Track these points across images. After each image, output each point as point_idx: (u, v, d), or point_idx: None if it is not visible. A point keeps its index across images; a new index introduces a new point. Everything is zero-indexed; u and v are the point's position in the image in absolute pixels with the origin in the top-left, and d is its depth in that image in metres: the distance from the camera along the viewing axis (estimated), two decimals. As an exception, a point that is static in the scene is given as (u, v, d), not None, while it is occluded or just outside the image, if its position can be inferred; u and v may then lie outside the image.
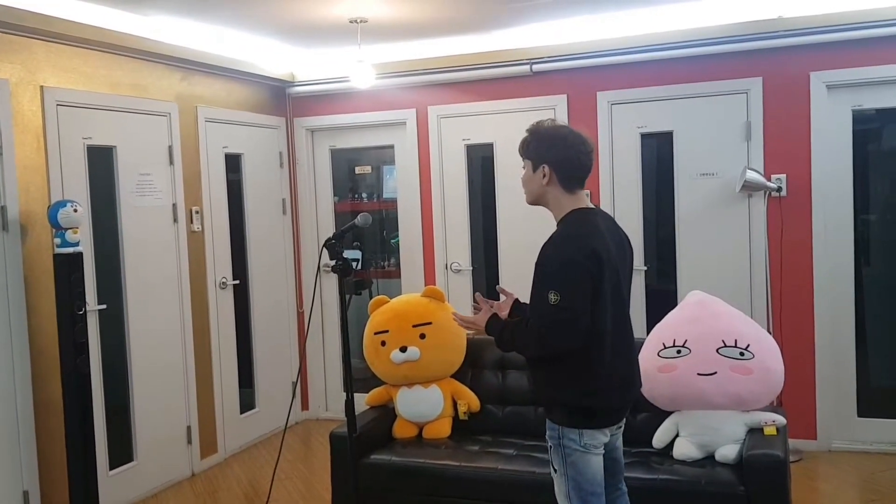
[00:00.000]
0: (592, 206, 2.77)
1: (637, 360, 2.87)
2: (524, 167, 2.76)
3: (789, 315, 4.97)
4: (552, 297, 2.52)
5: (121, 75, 4.63)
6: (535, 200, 2.77)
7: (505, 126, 5.50)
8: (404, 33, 5.18)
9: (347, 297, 3.14)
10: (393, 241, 6.19)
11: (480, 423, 4.19)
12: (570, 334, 2.54)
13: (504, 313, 2.85)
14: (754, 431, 3.52)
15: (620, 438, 2.91)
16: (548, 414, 2.74)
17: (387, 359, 4.18)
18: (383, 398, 4.29)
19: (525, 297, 2.76)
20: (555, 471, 2.74)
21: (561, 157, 2.66)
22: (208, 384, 5.23)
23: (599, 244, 2.59)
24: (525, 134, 2.75)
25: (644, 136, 5.31)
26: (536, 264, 2.61)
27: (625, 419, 2.86)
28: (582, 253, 2.55)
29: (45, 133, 4.12)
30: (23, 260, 3.97)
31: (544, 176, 2.67)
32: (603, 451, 2.73)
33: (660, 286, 5.33)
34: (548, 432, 2.73)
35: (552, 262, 2.58)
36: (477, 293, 2.99)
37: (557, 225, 2.71)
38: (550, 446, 2.73)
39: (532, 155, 2.72)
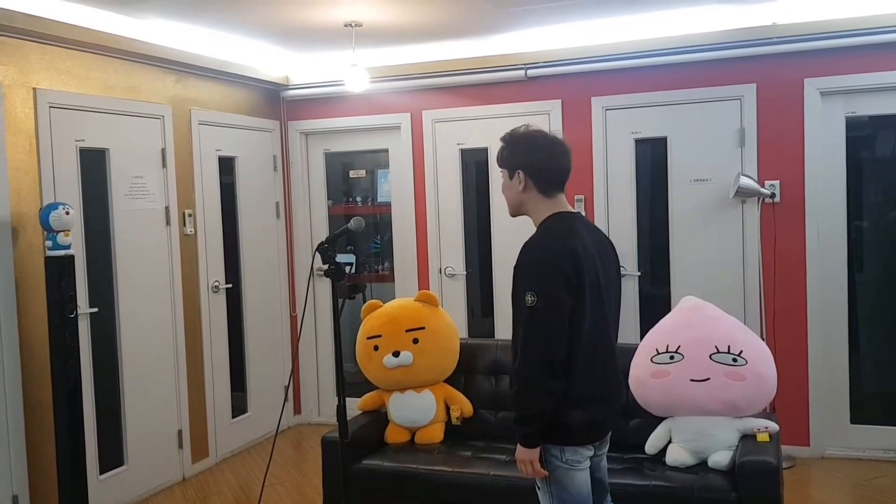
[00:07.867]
0: (572, 211, 2.69)
1: (619, 372, 2.74)
2: (502, 176, 2.70)
3: (782, 321, 4.97)
4: (529, 299, 2.44)
5: (114, 78, 4.61)
6: (515, 210, 2.70)
7: (499, 131, 5.22)
8: (399, 37, 5.17)
9: (340, 301, 3.12)
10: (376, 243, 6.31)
11: (473, 429, 4.18)
12: (554, 334, 2.42)
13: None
14: (747, 438, 3.52)
15: (605, 459, 2.80)
16: None
17: (379, 363, 4.17)
18: (376, 403, 4.27)
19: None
20: (538, 487, 2.61)
21: (534, 161, 2.60)
22: (200, 388, 5.21)
23: (577, 243, 2.50)
24: (500, 143, 2.71)
25: (638, 142, 5.31)
26: (513, 270, 2.54)
27: (609, 437, 2.74)
28: (556, 252, 2.48)
29: (38, 135, 4.10)
30: (14, 262, 3.95)
31: (520, 182, 2.61)
32: (588, 466, 2.61)
33: (653, 291, 5.34)
34: None
35: (526, 264, 2.52)
36: None
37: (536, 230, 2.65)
38: None
39: (507, 163, 2.67)
